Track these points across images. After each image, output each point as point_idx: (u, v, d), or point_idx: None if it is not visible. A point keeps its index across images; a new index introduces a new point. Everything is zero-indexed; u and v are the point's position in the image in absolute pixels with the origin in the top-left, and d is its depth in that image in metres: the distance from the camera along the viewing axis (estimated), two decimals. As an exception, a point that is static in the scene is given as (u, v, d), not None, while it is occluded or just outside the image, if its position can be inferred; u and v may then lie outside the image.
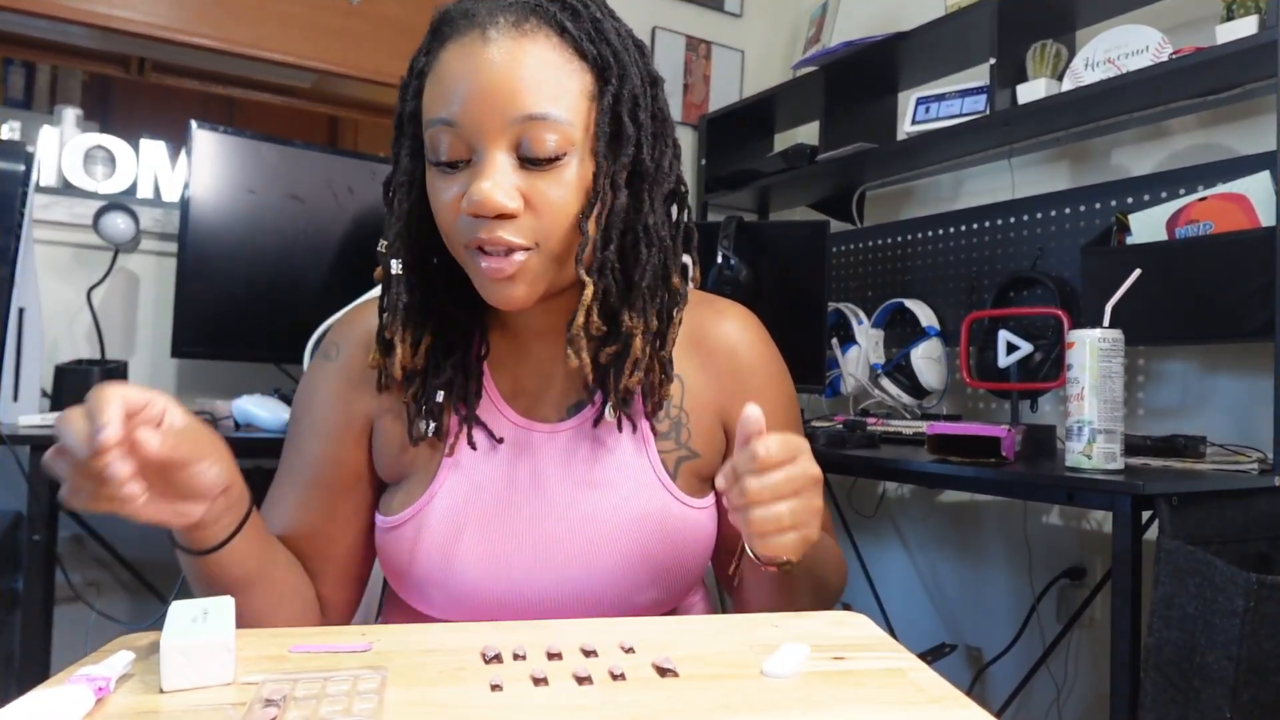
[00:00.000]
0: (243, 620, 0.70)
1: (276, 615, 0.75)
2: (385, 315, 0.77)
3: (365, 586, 0.87)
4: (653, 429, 0.81)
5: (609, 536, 0.77)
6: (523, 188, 0.69)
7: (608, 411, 0.78)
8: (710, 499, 0.83)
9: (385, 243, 0.76)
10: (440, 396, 0.78)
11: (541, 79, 0.68)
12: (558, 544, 0.77)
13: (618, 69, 0.72)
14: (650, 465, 0.80)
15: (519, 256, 0.70)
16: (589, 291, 0.72)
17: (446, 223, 0.72)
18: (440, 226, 0.73)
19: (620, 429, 0.80)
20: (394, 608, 0.86)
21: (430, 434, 0.78)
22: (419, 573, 0.77)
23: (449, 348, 0.79)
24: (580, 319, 0.72)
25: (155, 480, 0.60)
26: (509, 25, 0.69)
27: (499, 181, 0.68)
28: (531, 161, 0.69)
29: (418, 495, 0.78)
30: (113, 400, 0.54)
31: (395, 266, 0.75)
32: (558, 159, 0.69)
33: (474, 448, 0.79)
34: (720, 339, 0.85)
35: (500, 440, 0.79)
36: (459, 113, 0.68)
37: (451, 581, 0.76)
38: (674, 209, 0.79)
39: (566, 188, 0.70)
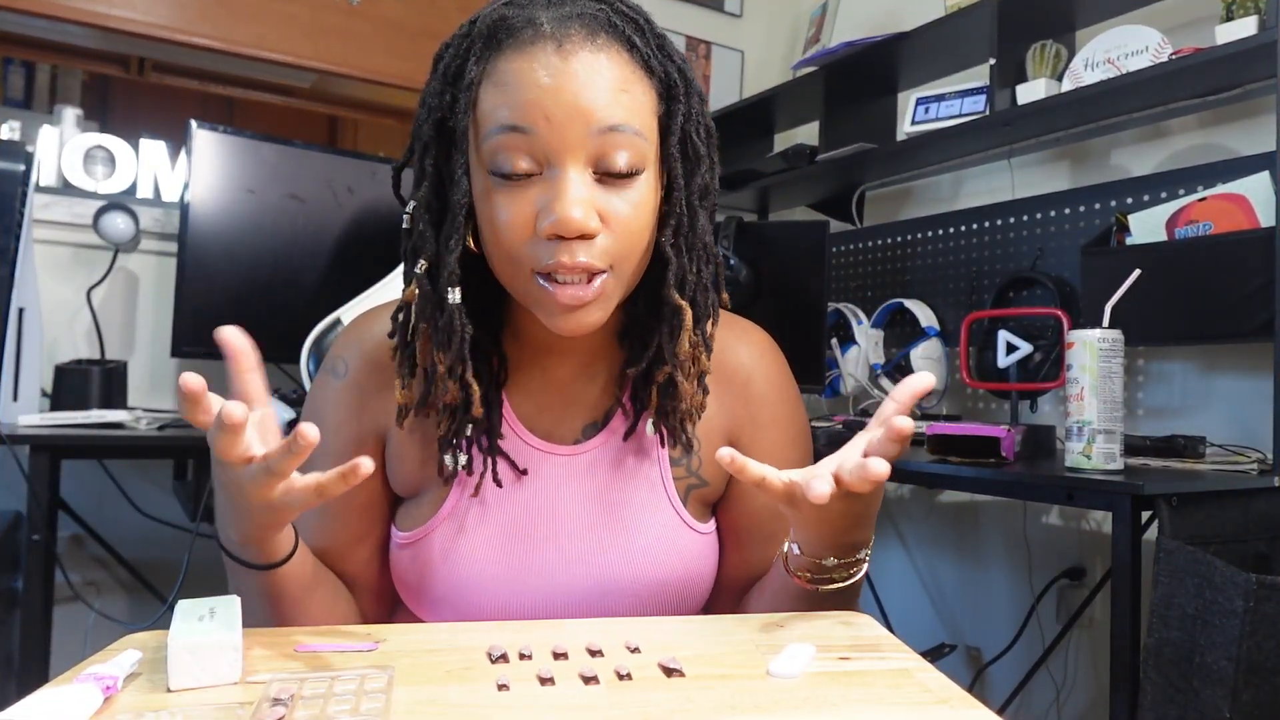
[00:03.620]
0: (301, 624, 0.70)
1: (333, 619, 0.75)
2: (434, 349, 0.71)
3: (394, 599, 0.84)
4: (667, 454, 0.79)
5: (622, 561, 0.76)
6: (599, 205, 0.66)
7: (649, 427, 0.77)
8: (712, 525, 0.82)
9: (425, 263, 0.71)
10: (469, 430, 0.75)
11: (620, 92, 0.66)
12: (571, 568, 0.76)
13: (684, 86, 0.71)
14: (665, 490, 0.78)
15: (597, 282, 0.67)
16: (688, 316, 0.71)
17: (512, 244, 0.67)
18: (500, 247, 0.68)
19: (663, 444, 0.78)
20: (401, 614, 0.85)
21: (460, 470, 0.75)
22: (429, 590, 0.76)
23: (476, 379, 0.74)
24: (685, 345, 0.72)
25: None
26: (583, 38, 0.66)
27: (580, 198, 0.65)
28: (609, 177, 0.67)
29: (431, 514, 0.76)
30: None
31: (454, 295, 0.69)
32: (634, 174, 0.68)
33: (499, 484, 0.76)
34: (738, 366, 0.83)
35: (524, 472, 0.77)
36: (535, 120, 0.65)
37: (462, 602, 0.75)
38: None
39: (641, 207, 0.68)
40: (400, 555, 0.78)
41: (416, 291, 0.72)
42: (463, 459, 0.75)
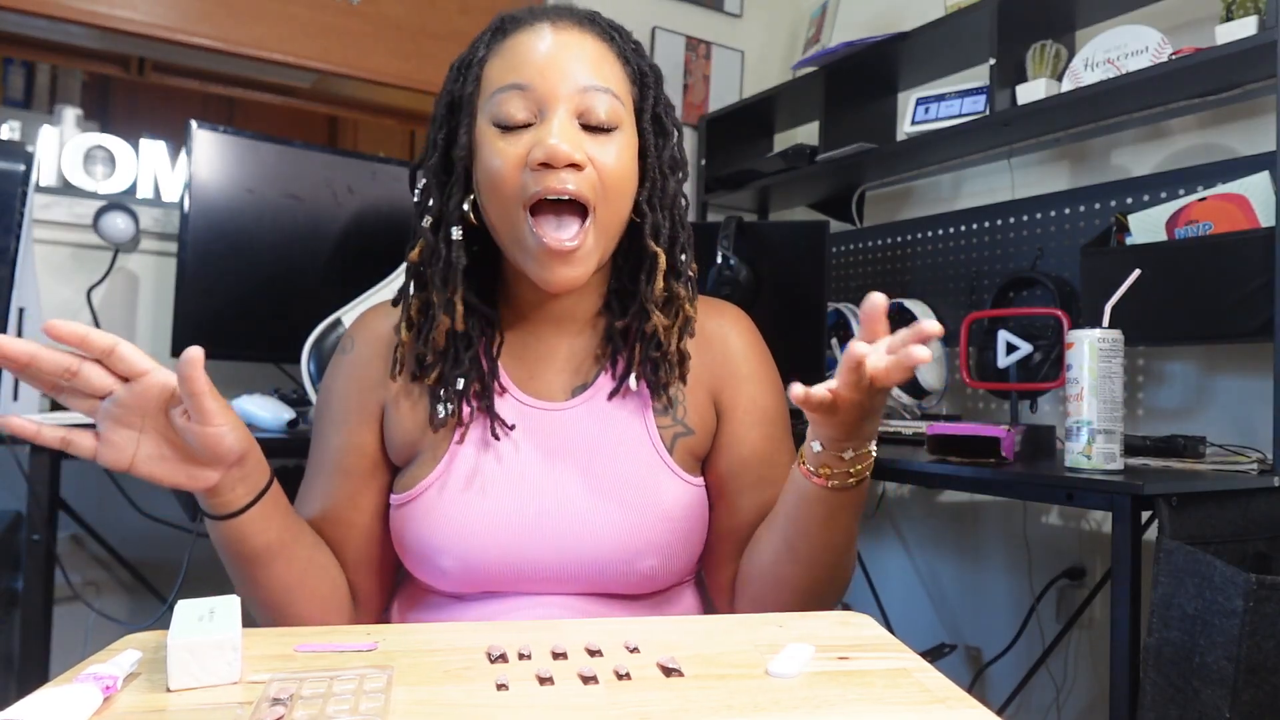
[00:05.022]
0: (272, 596, 0.77)
1: (305, 588, 0.79)
2: (432, 291, 0.81)
3: (393, 577, 0.90)
4: (652, 408, 0.86)
5: (612, 507, 0.81)
6: (585, 148, 0.78)
7: (631, 380, 0.85)
8: (700, 480, 0.88)
9: (430, 218, 0.82)
10: (460, 384, 0.83)
11: (601, 62, 0.81)
12: (565, 514, 0.81)
13: (654, 79, 0.86)
14: (650, 441, 0.85)
15: (578, 236, 0.77)
16: (663, 260, 0.82)
17: (507, 180, 0.78)
18: (498, 188, 0.78)
19: (655, 397, 0.86)
20: (403, 589, 0.89)
21: (449, 418, 0.82)
22: (432, 544, 0.80)
23: (468, 340, 0.84)
24: (660, 285, 0.83)
25: (175, 444, 0.68)
26: (573, 23, 0.82)
27: (567, 134, 0.77)
28: (592, 128, 0.79)
29: (429, 470, 0.82)
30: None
31: (456, 233, 0.81)
32: (613, 129, 0.80)
33: (497, 438, 0.83)
34: (715, 329, 0.92)
35: (512, 428, 0.84)
36: (532, 77, 0.78)
37: (464, 551, 0.79)
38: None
39: (620, 156, 0.80)
40: (398, 515, 0.84)
41: (422, 244, 0.82)
42: (450, 408, 0.83)
